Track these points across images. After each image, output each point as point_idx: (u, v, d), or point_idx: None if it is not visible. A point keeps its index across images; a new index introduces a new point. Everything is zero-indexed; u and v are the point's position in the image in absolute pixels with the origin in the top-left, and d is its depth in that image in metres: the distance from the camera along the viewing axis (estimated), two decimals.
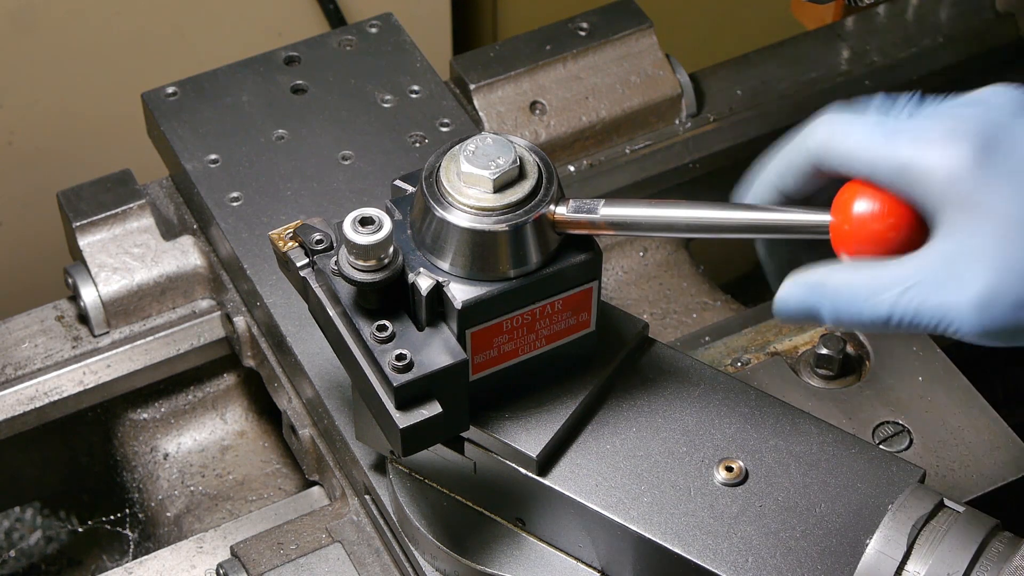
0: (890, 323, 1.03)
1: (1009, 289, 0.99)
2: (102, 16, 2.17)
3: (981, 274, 0.99)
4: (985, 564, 1.10)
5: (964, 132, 1.02)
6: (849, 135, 1.06)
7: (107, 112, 2.23)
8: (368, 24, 1.65)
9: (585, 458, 1.20)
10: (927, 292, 1.01)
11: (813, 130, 1.08)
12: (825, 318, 1.06)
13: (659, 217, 1.12)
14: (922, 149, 1.02)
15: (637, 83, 1.66)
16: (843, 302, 1.04)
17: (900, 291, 1.02)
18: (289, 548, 1.33)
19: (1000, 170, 1.00)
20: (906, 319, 1.02)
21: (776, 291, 1.09)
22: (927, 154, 1.02)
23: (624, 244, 1.67)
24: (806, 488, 1.17)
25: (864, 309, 1.03)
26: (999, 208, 0.99)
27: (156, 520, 1.57)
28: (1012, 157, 1.00)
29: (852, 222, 1.06)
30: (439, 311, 1.14)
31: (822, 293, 1.05)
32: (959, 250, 1.00)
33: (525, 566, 1.22)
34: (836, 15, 1.83)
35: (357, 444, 1.31)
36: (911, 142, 1.03)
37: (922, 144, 1.02)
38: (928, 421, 1.37)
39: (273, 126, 1.56)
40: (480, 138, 1.14)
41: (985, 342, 1.01)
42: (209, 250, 1.54)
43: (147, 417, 1.60)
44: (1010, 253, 0.99)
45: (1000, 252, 0.99)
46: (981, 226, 1.00)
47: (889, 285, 1.02)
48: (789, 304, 1.07)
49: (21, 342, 1.54)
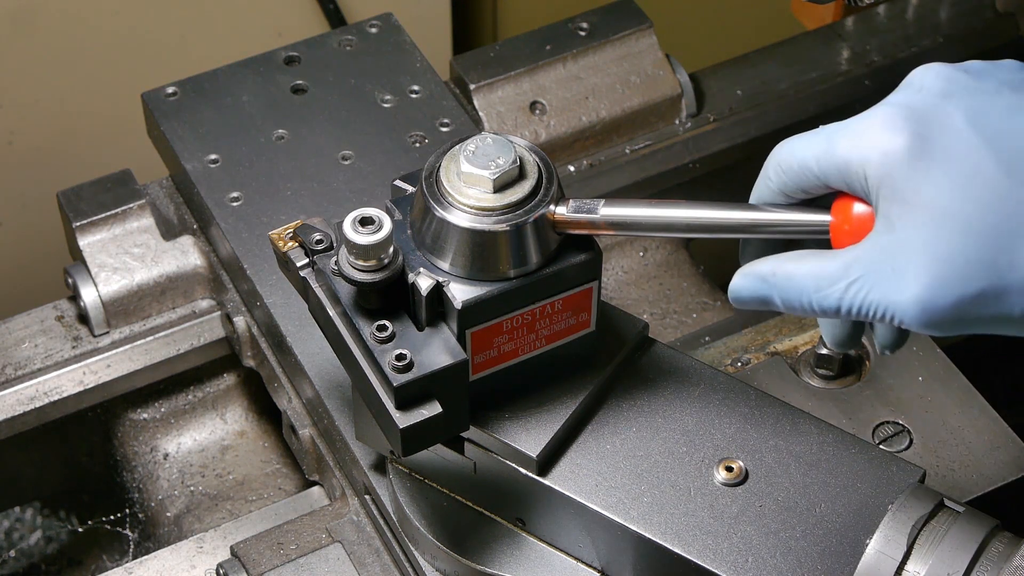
0: (840, 314, 1.04)
1: (947, 284, 0.99)
2: (102, 16, 2.17)
3: (920, 269, 0.99)
4: (985, 564, 1.10)
5: (895, 121, 1.02)
6: (795, 151, 1.07)
7: (107, 112, 2.23)
8: (368, 24, 1.65)
9: (585, 458, 1.20)
10: (870, 287, 1.02)
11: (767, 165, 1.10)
12: (779, 306, 1.08)
13: (659, 217, 1.12)
14: (857, 143, 1.03)
15: (637, 83, 1.66)
16: (792, 294, 1.06)
17: (845, 285, 1.03)
18: (289, 548, 1.33)
19: (932, 158, 1.00)
20: (853, 311, 1.03)
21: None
22: (861, 147, 1.03)
23: (624, 244, 1.67)
24: (806, 488, 1.17)
25: (813, 300, 1.05)
26: (932, 199, 0.99)
27: (156, 520, 1.57)
28: (943, 144, 1.00)
29: (852, 222, 1.06)
30: (439, 311, 1.14)
31: (772, 284, 1.07)
32: (897, 244, 1.01)
33: (525, 566, 1.22)
34: (836, 15, 1.83)
35: (357, 444, 1.31)
36: (848, 139, 1.04)
37: (857, 138, 1.03)
38: (928, 421, 1.37)
39: (273, 126, 1.56)
40: (480, 138, 1.14)
41: (930, 332, 1.02)
42: (209, 250, 1.54)
43: (147, 417, 1.60)
44: (946, 246, 0.99)
45: (936, 246, 0.99)
46: (917, 217, 1.00)
47: (834, 279, 1.04)
48: (742, 294, 1.10)
49: (21, 342, 1.54)
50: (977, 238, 0.98)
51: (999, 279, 0.98)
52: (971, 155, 0.99)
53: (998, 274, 0.98)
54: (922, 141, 1.01)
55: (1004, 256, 0.98)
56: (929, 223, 0.99)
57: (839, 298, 1.03)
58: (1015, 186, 0.98)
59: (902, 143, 1.01)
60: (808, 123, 1.67)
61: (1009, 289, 0.99)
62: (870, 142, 1.02)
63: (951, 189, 0.99)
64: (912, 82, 1.05)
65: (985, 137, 1.00)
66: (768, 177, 1.09)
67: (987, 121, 1.00)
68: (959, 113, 1.01)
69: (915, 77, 1.05)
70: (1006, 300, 0.99)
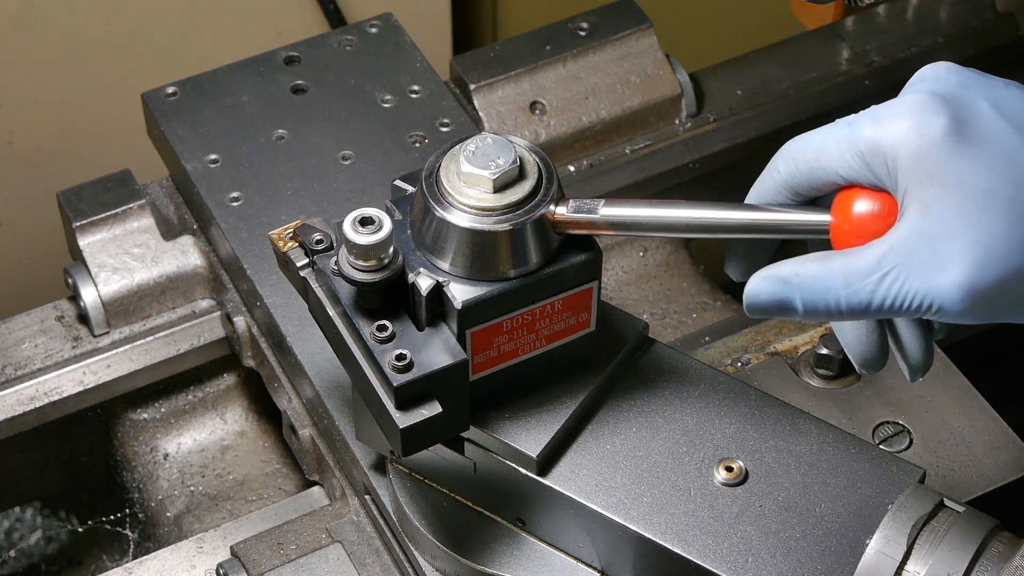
0: (870, 311, 1.02)
1: (991, 264, 0.98)
2: (102, 16, 2.17)
3: (962, 251, 0.98)
4: (985, 564, 1.10)
5: (930, 105, 1.01)
6: (811, 140, 1.06)
7: (107, 112, 2.23)
8: (368, 24, 1.65)
9: (585, 458, 1.20)
10: (907, 275, 1.00)
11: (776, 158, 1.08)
12: (799, 311, 1.04)
13: (659, 217, 1.12)
14: (886, 126, 1.02)
15: (637, 83, 1.66)
16: (818, 293, 1.03)
17: (878, 277, 1.01)
18: (289, 548, 1.33)
19: (970, 141, 1.00)
20: (886, 305, 1.01)
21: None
22: (893, 130, 1.01)
23: (624, 244, 1.67)
24: (806, 488, 1.17)
25: (842, 298, 1.02)
26: (973, 180, 0.98)
27: (156, 520, 1.57)
28: (977, 128, 1.00)
29: (852, 222, 1.06)
30: (439, 311, 1.14)
31: (795, 285, 1.04)
32: (935, 228, 0.99)
33: (525, 566, 1.22)
34: (836, 15, 1.83)
35: (357, 444, 1.31)
36: (875, 123, 1.02)
37: (885, 121, 1.02)
38: (928, 421, 1.37)
39: (273, 126, 1.56)
40: (480, 138, 1.14)
41: (968, 320, 1.00)
42: (209, 250, 1.54)
43: (147, 417, 1.60)
44: (988, 227, 0.98)
45: (979, 226, 0.98)
46: (956, 200, 0.98)
47: (865, 272, 1.01)
48: (760, 298, 1.06)
49: (21, 342, 1.54)
50: (1019, 216, 0.97)
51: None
52: (1004, 138, 0.99)
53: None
54: (959, 124, 1.00)
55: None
56: (970, 204, 0.98)
57: (872, 291, 1.00)
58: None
59: (941, 125, 1.00)
60: (808, 123, 1.67)
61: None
62: (904, 125, 1.01)
63: (991, 170, 0.98)
64: (927, 76, 1.04)
65: (1012, 122, 1.00)
66: (776, 169, 1.07)
67: (1009, 108, 1.01)
68: (983, 101, 1.01)
69: (928, 71, 1.05)
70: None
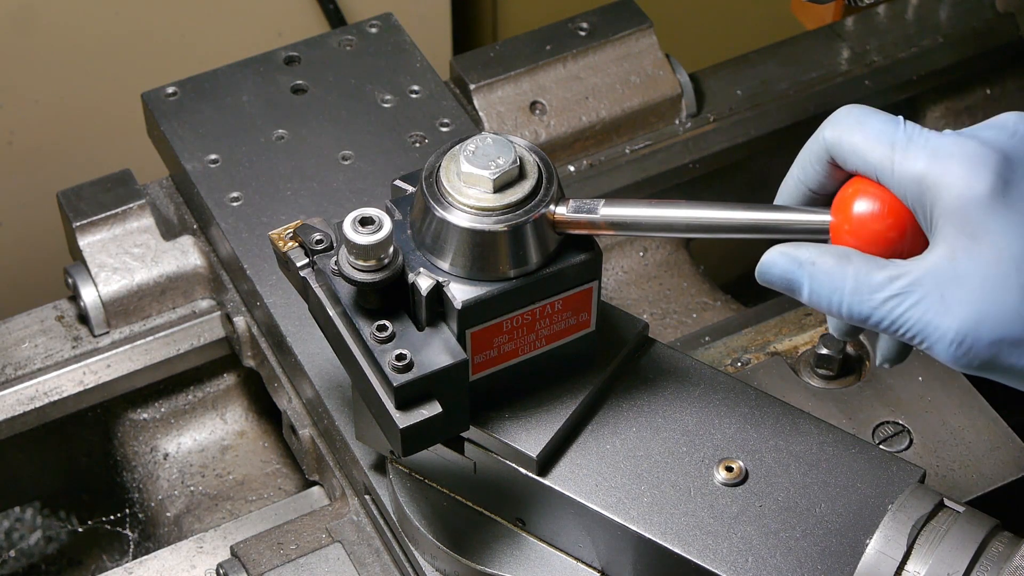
0: (867, 323, 1.03)
1: (991, 323, 0.99)
2: (102, 16, 2.17)
3: (967, 305, 0.99)
4: (985, 564, 1.10)
5: (985, 158, 1.01)
6: (858, 131, 1.05)
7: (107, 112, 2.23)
8: (368, 24, 1.65)
9: (585, 458, 1.20)
10: (912, 306, 1.01)
11: (831, 120, 1.07)
12: (804, 296, 1.05)
13: (659, 217, 1.12)
14: (940, 164, 1.01)
15: (637, 83, 1.66)
16: (824, 288, 1.04)
17: (885, 297, 1.02)
18: (289, 548, 1.33)
19: (1011, 206, 1.00)
20: (883, 325, 1.02)
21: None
22: (945, 170, 1.01)
23: (624, 244, 1.67)
24: (806, 488, 1.17)
25: (844, 302, 1.03)
26: (1003, 242, 0.99)
27: (156, 520, 1.57)
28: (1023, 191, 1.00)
29: (852, 222, 1.06)
30: (439, 311, 1.14)
31: (808, 272, 1.05)
32: (954, 274, 1.00)
33: (525, 566, 1.22)
34: (836, 15, 1.83)
35: (357, 444, 1.31)
36: (928, 154, 1.02)
37: (941, 159, 1.02)
38: (928, 421, 1.37)
39: (273, 126, 1.56)
40: (480, 138, 1.14)
41: (956, 367, 1.01)
42: (209, 250, 1.54)
43: (147, 417, 1.60)
44: (1001, 290, 0.99)
45: (992, 286, 0.99)
46: (981, 256, 0.99)
47: (875, 287, 1.02)
48: (773, 271, 1.07)
49: (21, 342, 1.54)
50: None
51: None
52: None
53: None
54: (1005, 186, 1.00)
55: None
56: (993, 265, 0.99)
57: (875, 308, 1.02)
58: None
59: (985, 185, 1.00)
60: (808, 123, 1.67)
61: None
62: (953, 173, 1.01)
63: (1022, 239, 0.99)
64: (1006, 125, 1.04)
65: None
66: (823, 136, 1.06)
67: None
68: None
69: (1009, 120, 1.04)
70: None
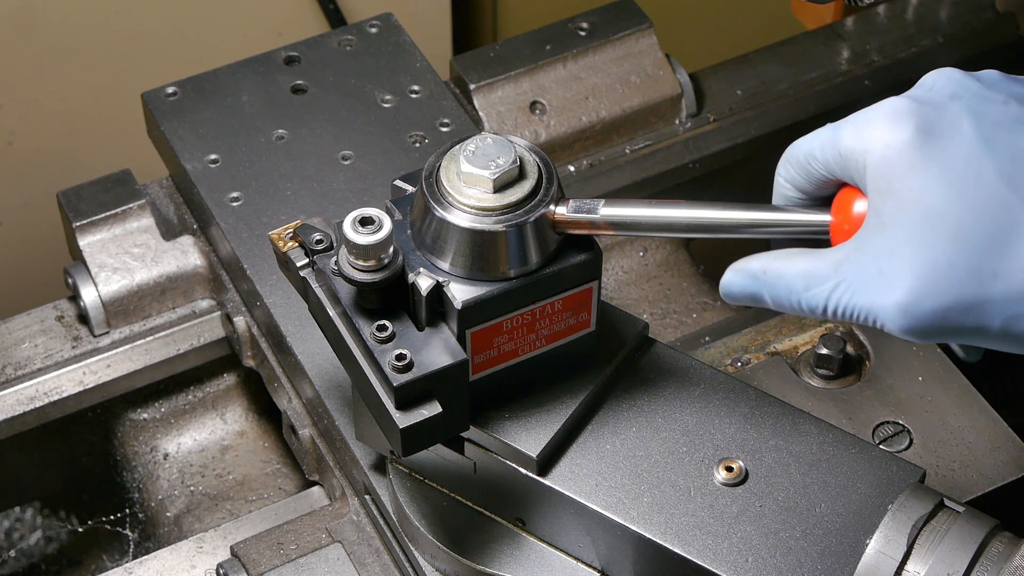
0: (826, 314, 1.04)
1: (931, 290, 0.99)
2: (102, 16, 2.17)
3: (905, 275, 0.99)
4: (985, 564, 1.10)
5: (900, 114, 1.02)
6: (802, 144, 1.08)
7: (107, 112, 2.23)
8: (368, 24, 1.65)
9: (585, 458, 1.20)
10: (855, 289, 1.02)
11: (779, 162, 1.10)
12: (768, 305, 1.08)
13: (659, 217, 1.12)
14: (861, 133, 1.03)
15: (637, 83, 1.66)
16: (782, 292, 1.07)
17: (832, 286, 1.03)
18: (289, 548, 1.33)
19: (932, 157, 1.00)
20: (838, 314, 1.03)
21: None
22: (865, 137, 1.03)
23: (624, 244, 1.67)
24: (806, 488, 1.17)
25: (802, 300, 1.05)
26: (925, 197, 0.99)
27: (156, 520, 1.57)
28: (945, 144, 1.00)
29: (852, 222, 1.06)
30: (439, 311, 1.14)
31: (763, 282, 1.08)
32: (885, 244, 1.00)
33: (525, 566, 1.22)
34: (836, 15, 1.83)
35: (357, 444, 1.31)
36: (853, 128, 1.04)
37: (862, 128, 1.03)
38: (928, 421, 1.37)
39: (273, 126, 1.56)
40: (480, 138, 1.14)
41: (913, 340, 1.02)
42: (209, 250, 1.54)
43: (147, 417, 1.60)
44: (932, 251, 0.98)
45: (923, 249, 0.99)
46: (908, 217, 0.99)
47: (822, 279, 1.04)
48: (733, 289, 1.10)
49: (21, 342, 1.54)
50: (964, 243, 0.98)
51: (981, 288, 0.98)
52: (971, 159, 0.99)
53: (980, 283, 0.98)
54: (925, 137, 1.00)
55: (988, 264, 0.98)
56: (919, 223, 0.99)
57: (826, 298, 1.04)
58: (1011, 196, 0.98)
59: (905, 136, 1.01)
60: (808, 123, 1.67)
61: (991, 299, 0.98)
62: (874, 132, 1.02)
63: (946, 190, 0.99)
64: (924, 82, 1.05)
65: (988, 143, 0.99)
66: (779, 172, 1.10)
67: (993, 128, 1.00)
68: (966, 116, 1.01)
69: (927, 78, 1.05)
70: (987, 310, 0.98)
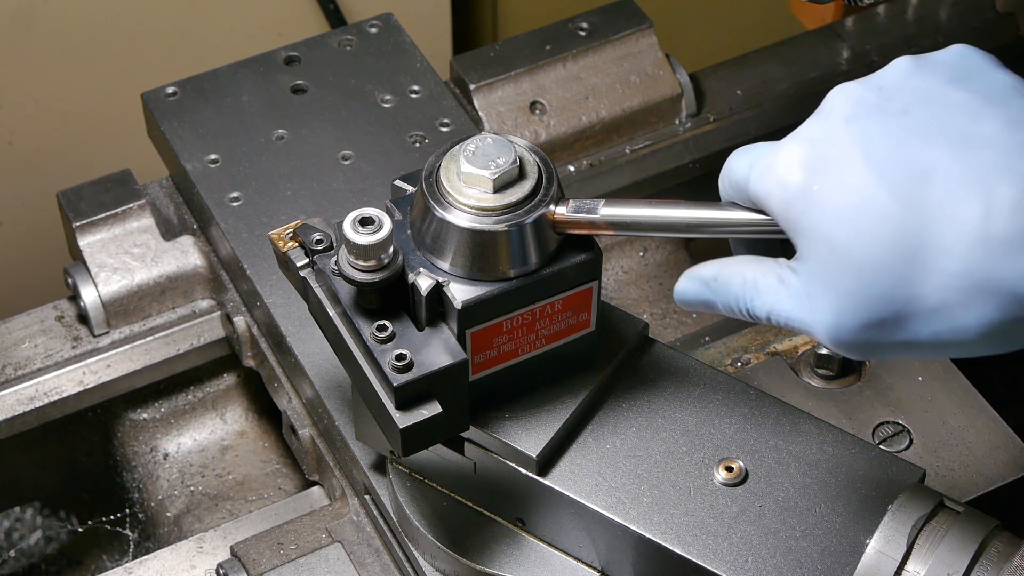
0: (770, 323, 1.06)
1: (850, 315, 1.00)
2: (102, 16, 2.17)
3: (827, 302, 1.01)
4: (985, 564, 1.10)
5: (792, 159, 1.03)
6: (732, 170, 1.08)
7: (107, 112, 2.23)
8: (368, 24, 1.65)
9: (585, 458, 1.20)
10: (792, 308, 1.03)
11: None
12: (720, 311, 1.10)
13: (659, 217, 1.13)
14: (763, 178, 1.04)
15: (637, 83, 1.66)
16: (731, 299, 1.08)
17: (774, 300, 1.04)
18: (289, 548, 1.33)
19: (825, 194, 1.00)
20: (780, 324, 1.05)
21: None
22: (766, 183, 1.04)
23: (624, 244, 1.67)
24: (806, 488, 1.17)
25: (750, 308, 1.07)
26: (827, 235, 1.00)
27: (156, 520, 1.57)
28: (836, 178, 1.00)
29: None
30: (439, 311, 1.14)
31: (713, 289, 1.09)
32: (807, 275, 1.02)
33: (525, 566, 1.22)
34: (836, 15, 1.83)
35: (357, 444, 1.31)
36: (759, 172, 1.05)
37: (765, 172, 1.04)
38: (928, 421, 1.37)
39: (273, 126, 1.56)
40: (480, 138, 1.14)
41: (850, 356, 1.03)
42: (209, 250, 1.54)
43: (147, 417, 1.60)
44: (844, 282, 0.99)
45: (835, 280, 1.00)
46: (816, 252, 1.01)
47: (764, 292, 1.05)
48: (687, 297, 1.12)
49: (21, 342, 1.54)
50: (872, 272, 0.98)
51: (899, 308, 0.98)
52: (865, 188, 0.99)
53: (895, 304, 0.98)
54: (815, 176, 1.01)
55: (901, 290, 0.98)
56: (827, 258, 1.00)
57: (769, 310, 1.05)
58: (910, 217, 0.97)
59: (797, 180, 1.02)
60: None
61: (912, 316, 0.98)
62: (772, 179, 1.03)
63: (843, 224, 0.99)
64: (823, 107, 1.05)
65: (879, 170, 0.99)
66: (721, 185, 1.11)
67: (885, 151, 0.99)
68: (856, 143, 1.00)
69: (827, 100, 1.05)
70: (911, 326, 0.99)
